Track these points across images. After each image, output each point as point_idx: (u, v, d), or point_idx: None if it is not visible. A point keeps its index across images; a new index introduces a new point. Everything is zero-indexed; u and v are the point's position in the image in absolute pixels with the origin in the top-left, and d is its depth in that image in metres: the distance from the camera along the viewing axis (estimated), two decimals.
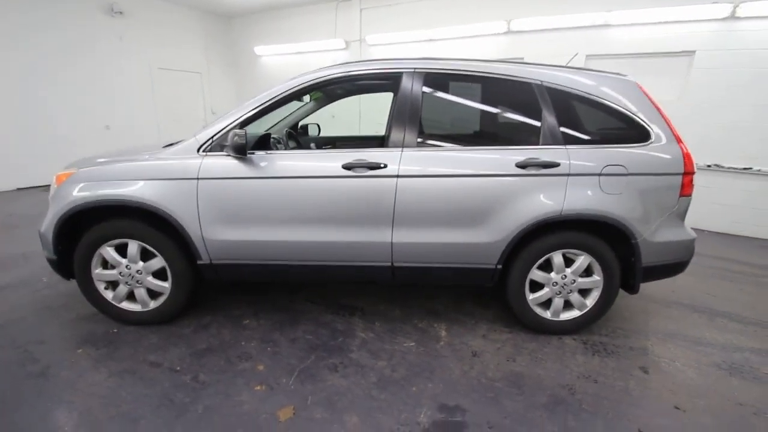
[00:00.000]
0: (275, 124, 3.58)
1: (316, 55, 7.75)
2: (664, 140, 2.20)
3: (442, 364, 2.10)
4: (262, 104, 2.20)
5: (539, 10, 5.46)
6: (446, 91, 2.28)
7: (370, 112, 7.00)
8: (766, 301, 3.07)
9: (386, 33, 6.72)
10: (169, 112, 7.99)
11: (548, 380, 1.99)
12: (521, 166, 2.12)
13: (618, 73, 2.31)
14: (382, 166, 2.11)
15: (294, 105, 3.56)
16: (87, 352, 2.13)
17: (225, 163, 2.15)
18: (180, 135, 3.37)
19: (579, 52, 4.80)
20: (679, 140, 2.23)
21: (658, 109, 2.26)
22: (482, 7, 5.88)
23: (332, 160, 2.16)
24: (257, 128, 3.24)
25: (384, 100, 3.82)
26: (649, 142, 2.20)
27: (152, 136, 7.64)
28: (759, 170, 4.67)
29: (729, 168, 4.79)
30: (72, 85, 6.54)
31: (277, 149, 2.63)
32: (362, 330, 2.42)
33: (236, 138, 2.01)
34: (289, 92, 2.22)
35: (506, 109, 2.29)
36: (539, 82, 2.21)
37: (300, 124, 3.69)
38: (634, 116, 2.21)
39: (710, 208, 4.96)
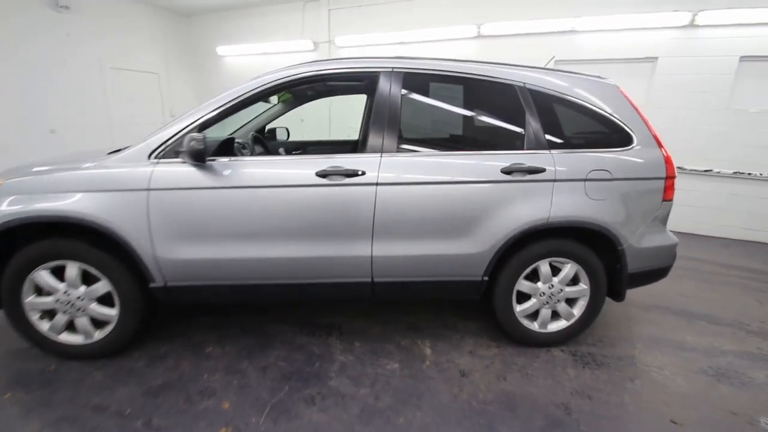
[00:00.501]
0: (239, 128, 3.32)
1: (282, 57, 7.46)
2: (645, 144, 2.16)
3: (430, 387, 1.94)
4: (223, 105, 1.97)
5: (509, 15, 5.48)
6: (426, 92, 2.13)
7: (340, 116, 6.80)
8: (736, 301, 3.13)
9: (356, 35, 6.56)
10: (124, 115, 7.44)
11: (542, 399, 1.88)
12: (506, 171, 2.01)
13: (599, 76, 2.26)
14: (359, 173, 1.93)
15: (261, 107, 3.32)
16: (16, 397, 1.81)
17: (181, 172, 1.89)
18: (136, 140, 3.07)
19: (555, 56, 4.81)
20: (660, 144, 2.19)
21: (638, 112, 2.22)
22: (453, 11, 5.84)
23: (304, 167, 1.96)
24: (220, 132, 2.99)
25: (355, 102, 3.67)
26: (631, 146, 2.14)
27: (105, 140, 7.07)
28: (718, 172, 4.86)
29: (691, 170, 4.96)
30: (10, 85, 5.92)
31: (242, 155, 2.40)
32: (341, 352, 2.22)
33: (193, 142, 1.77)
34: (254, 92, 2.00)
35: (489, 112, 2.17)
36: (522, 84, 2.11)
37: (267, 127, 3.45)
38: (616, 120, 2.16)
39: (675, 210, 5.11)
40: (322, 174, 1.92)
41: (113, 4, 7.08)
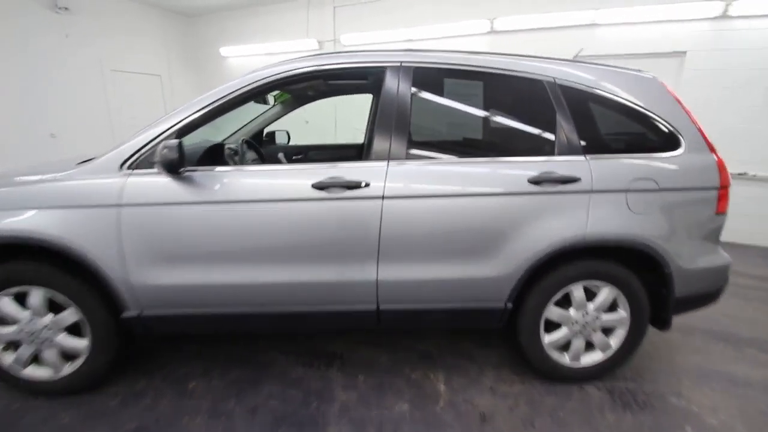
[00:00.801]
0: (236, 132, 3.07)
1: (287, 57, 7.23)
2: (695, 148, 1.84)
3: None
4: (207, 106, 1.71)
5: (524, 8, 5.17)
6: (440, 90, 1.84)
7: (346, 117, 6.54)
8: None
9: (362, 33, 6.30)
10: (126, 118, 7.27)
11: None
12: (535, 181, 1.71)
13: (640, 71, 1.95)
14: (363, 185, 1.66)
15: (258, 108, 3.07)
16: None
17: (157, 184, 1.64)
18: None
19: (583, 48, 4.43)
20: (712, 148, 1.88)
21: (687, 111, 1.90)
22: (464, 6, 5.54)
23: (300, 178, 1.69)
24: (216, 135, 2.74)
25: (362, 101, 3.40)
26: (679, 151, 1.83)
27: (105, 144, 6.90)
28: (754, 175, 4.48)
29: None
30: (9, 88, 5.77)
31: (235, 163, 2.15)
32: (342, 388, 1.94)
33: (165, 151, 1.51)
34: (244, 91, 1.73)
35: (514, 112, 1.87)
36: (552, 80, 1.81)
37: (266, 131, 3.19)
38: (661, 120, 1.84)
39: None
40: (319, 186, 1.65)
41: (114, 5, 6.92)
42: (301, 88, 2.73)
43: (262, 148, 3.15)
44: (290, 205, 1.65)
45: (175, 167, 1.53)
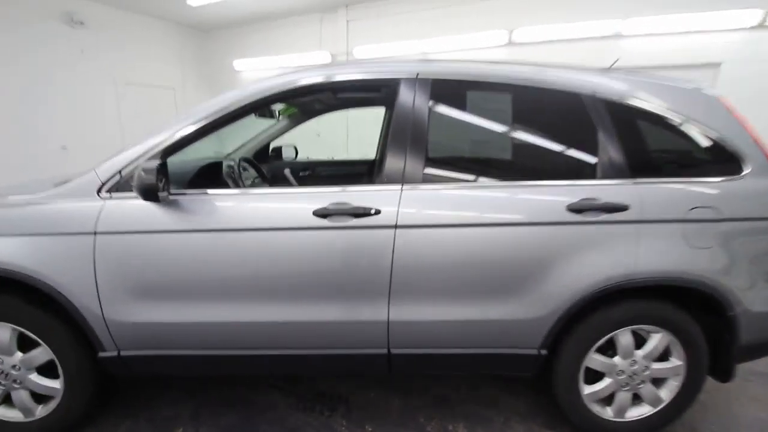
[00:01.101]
0: (241, 146, 2.90)
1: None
2: (761, 171, 1.57)
3: None
4: (200, 121, 1.52)
5: (543, 18, 4.96)
6: (462, 105, 1.61)
7: (358, 130, 6.37)
8: None
9: (375, 45, 6.17)
10: (139, 131, 7.25)
11: None
12: (575, 209, 1.46)
13: (695, 85, 1.70)
14: (372, 211, 1.43)
15: (263, 122, 2.90)
16: None
17: (138, 210, 1.44)
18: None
19: (619, 59, 4.22)
20: None
21: (748, 129, 1.64)
22: (481, 16, 5.36)
23: (299, 202, 1.48)
24: (219, 149, 2.56)
25: (375, 113, 3.22)
26: (742, 174, 1.56)
27: None
28: None
29: None
30: (22, 101, 5.79)
31: (236, 183, 1.95)
32: None
33: (143, 174, 1.31)
34: (243, 105, 1.53)
35: (547, 129, 1.63)
36: (591, 93, 1.57)
37: (272, 146, 3.02)
38: (720, 140, 1.58)
39: None
40: (322, 213, 1.43)
41: (129, 20, 6.97)
42: (308, 101, 2.54)
43: (269, 163, 2.98)
44: (288, 234, 1.43)
45: (152, 193, 1.33)
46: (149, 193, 1.32)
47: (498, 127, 1.62)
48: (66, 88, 6.25)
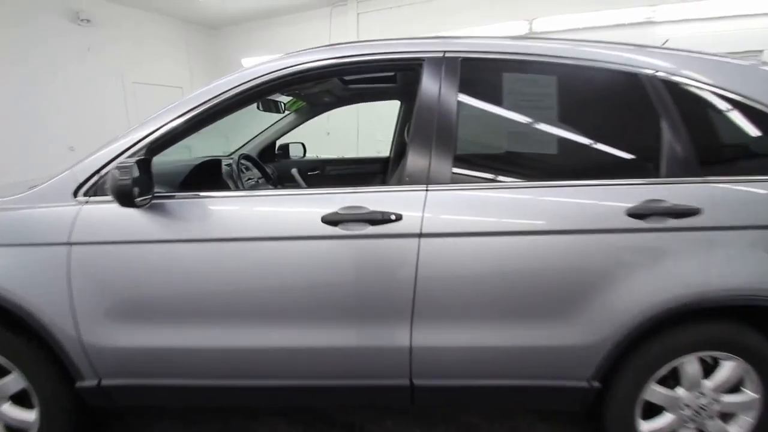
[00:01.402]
0: (246, 143, 2.71)
1: None
2: None
3: None
4: (189, 112, 1.30)
5: (566, 7, 4.66)
6: (498, 89, 1.36)
7: (368, 127, 6.14)
8: None
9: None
10: None
11: None
12: (636, 215, 1.21)
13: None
14: (392, 218, 1.20)
15: (269, 117, 2.69)
16: None
17: (119, 216, 1.23)
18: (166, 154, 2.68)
19: (668, 39, 3.95)
20: None
21: None
22: (499, 6, 5.08)
23: (306, 206, 1.26)
24: (223, 146, 2.37)
25: (385, 109, 2.99)
26: None
27: None
28: None
29: None
30: (28, 101, 5.70)
31: (237, 184, 1.74)
32: None
33: (116, 173, 1.09)
34: (239, 91, 1.31)
35: (600, 116, 1.38)
36: (652, 74, 1.31)
37: (278, 143, 2.82)
38: None
39: None
40: (332, 220, 1.20)
41: (136, 18, 6.85)
42: (315, 94, 2.32)
43: (275, 162, 2.77)
44: (292, 245, 1.21)
45: (127, 197, 1.11)
46: (124, 197, 1.11)
47: (541, 116, 1.36)
48: (73, 88, 6.16)
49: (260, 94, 1.37)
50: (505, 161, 1.39)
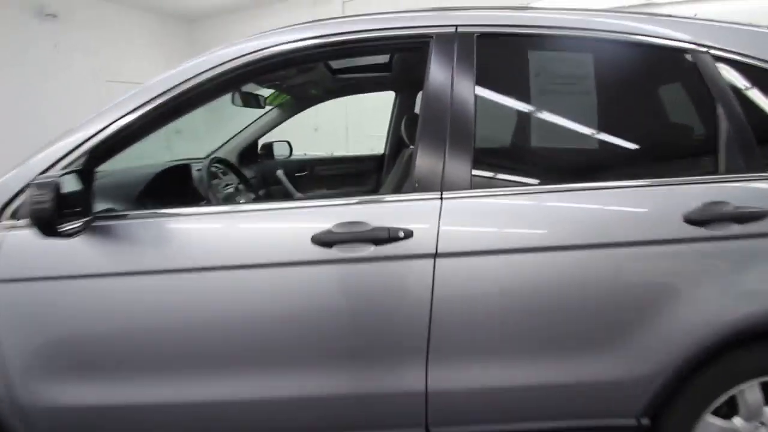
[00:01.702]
0: (223, 144, 2.44)
1: None
2: None
3: None
4: (141, 108, 1.03)
5: None
6: (524, 71, 1.12)
7: (358, 121, 5.88)
8: None
9: None
10: None
11: None
12: (696, 221, 0.99)
13: None
14: (401, 235, 0.96)
15: (250, 114, 2.43)
16: None
17: (53, 245, 0.97)
18: (133, 160, 2.40)
19: (697, 13, 3.74)
20: None
21: None
22: None
23: (289, 221, 1.02)
24: (195, 147, 2.11)
25: (375, 101, 2.74)
26: None
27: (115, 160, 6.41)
28: None
29: None
30: None
31: (208, 192, 1.48)
32: None
33: (34, 193, 0.83)
34: (205, 79, 1.05)
35: (649, 103, 1.15)
36: (704, 50, 1.09)
37: (261, 142, 2.55)
38: None
39: None
40: (325, 240, 0.95)
41: (107, 11, 6.45)
42: (300, 85, 2.06)
43: (259, 163, 2.51)
44: (275, 274, 0.97)
45: (47, 225, 0.84)
46: (43, 224, 0.84)
47: (577, 104, 1.12)
48: (40, 88, 5.76)
49: (233, 83, 1.11)
50: (536, 159, 1.15)
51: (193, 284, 0.97)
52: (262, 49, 1.04)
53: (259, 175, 2.42)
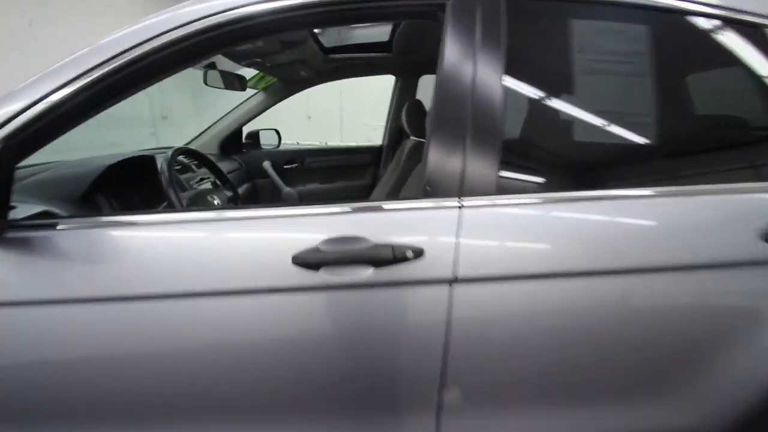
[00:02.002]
0: (203, 132, 2.20)
1: None
2: None
3: None
4: (76, 80, 0.77)
5: None
6: (565, 45, 0.87)
7: (353, 108, 5.59)
8: None
9: None
10: (105, 121, 6.41)
11: None
12: None
13: None
14: (409, 255, 0.74)
15: (232, 97, 2.18)
16: None
17: None
18: (119, 146, 2.19)
19: None
20: None
21: None
22: None
23: (265, 234, 0.79)
24: (173, 139, 1.86)
25: (371, 85, 2.47)
26: None
27: (84, 150, 6.09)
28: None
29: None
30: None
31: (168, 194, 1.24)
32: None
33: None
34: (158, 46, 0.78)
35: (716, 90, 0.93)
36: None
37: (246, 131, 2.31)
38: None
39: None
40: (308, 262, 0.73)
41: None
42: (288, 66, 1.81)
43: (243, 153, 2.27)
44: (243, 304, 0.75)
45: None
46: None
47: (629, 87, 0.89)
48: (16, 70, 5.38)
49: (199, 50, 0.85)
50: (580, 157, 0.92)
51: (137, 316, 0.74)
52: (236, 8, 0.79)
53: (244, 167, 2.19)
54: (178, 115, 7.74)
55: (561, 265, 0.76)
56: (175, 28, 0.79)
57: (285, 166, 2.32)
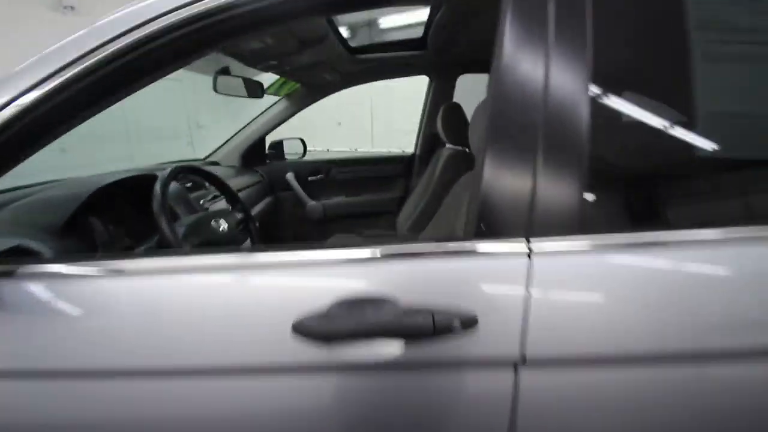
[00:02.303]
0: (221, 146, 2.07)
1: None
2: None
3: None
4: (44, 82, 0.59)
5: None
6: (678, 20, 0.59)
7: (384, 112, 5.41)
8: None
9: None
10: (143, 128, 6.62)
11: None
12: None
13: None
14: (455, 325, 0.51)
15: (264, 102, 2.04)
16: None
17: None
18: (158, 156, 2.18)
19: None
20: None
21: None
22: None
23: (250, 287, 0.57)
24: (181, 151, 1.76)
25: (404, 87, 2.26)
26: None
27: (122, 160, 6.28)
28: None
29: None
30: None
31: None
32: None
33: None
34: (135, 41, 0.60)
35: None
36: None
37: (269, 140, 2.16)
38: None
39: None
40: (314, 332, 0.52)
41: (125, 3, 6.27)
42: (311, 69, 1.63)
43: (266, 165, 2.13)
44: (228, 386, 0.55)
45: None
46: None
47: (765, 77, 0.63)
48: None
49: (187, 46, 0.66)
50: (703, 181, 0.65)
51: (105, 395, 0.56)
52: None
53: (266, 180, 2.04)
54: (213, 123, 7.88)
55: (679, 343, 0.51)
56: (149, 19, 0.61)
57: (309, 178, 2.15)
